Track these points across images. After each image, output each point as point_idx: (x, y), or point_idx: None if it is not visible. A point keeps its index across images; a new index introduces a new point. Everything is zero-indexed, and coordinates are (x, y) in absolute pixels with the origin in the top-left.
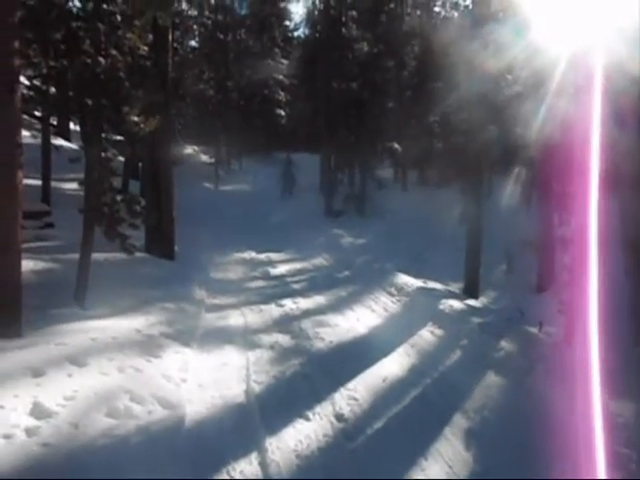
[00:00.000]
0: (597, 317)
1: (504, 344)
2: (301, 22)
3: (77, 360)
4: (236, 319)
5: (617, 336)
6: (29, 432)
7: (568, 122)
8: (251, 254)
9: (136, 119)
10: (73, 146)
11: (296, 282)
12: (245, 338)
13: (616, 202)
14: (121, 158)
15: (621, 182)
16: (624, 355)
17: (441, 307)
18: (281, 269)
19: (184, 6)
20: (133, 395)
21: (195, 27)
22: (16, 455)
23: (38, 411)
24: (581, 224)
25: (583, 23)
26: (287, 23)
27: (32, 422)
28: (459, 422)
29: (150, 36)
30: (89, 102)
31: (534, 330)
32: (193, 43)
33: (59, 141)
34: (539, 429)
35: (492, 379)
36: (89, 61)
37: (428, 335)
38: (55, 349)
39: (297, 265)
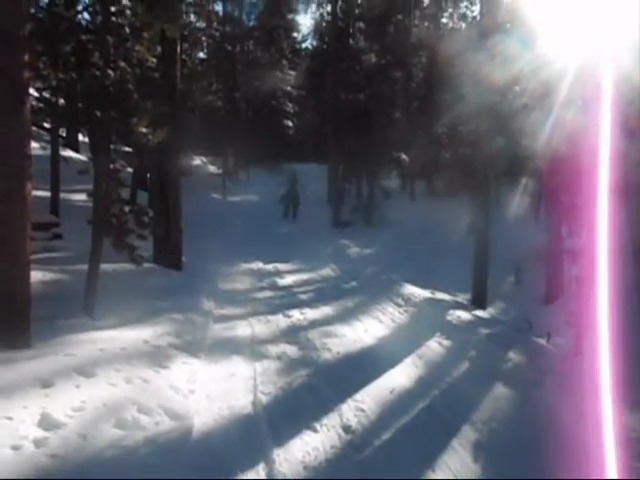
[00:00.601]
0: (607, 329)
1: (512, 355)
2: (309, 34)
3: (85, 371)
4: (244, 330)
5: (627, 348)
6: (37, 443)
7: (576, 133)
8: (258, 264)
9: (144, 130)
10: (82, 157)
11: (303, 293)
12: (252, 349)
13: (626, 213)
14: (129, 169)
15: (630, 193)
16: (635, 368)
17: (449, 318)
18: (288, 280)
19: (192, 18)
20: (141, 406)
21: (203, 39)
22: (25, 466)
23: (46, 422)
24: (590, 235)
25: (590, 34)
26: (295, 35)
27: (40, 433)
28: (467, 434)
29: (159, 48)
30: (98, 114)
31: (542, 341)
32: (201, 55)
33: (68, 152)
34: (548, 442)
35: (500, 390)
36: (98, 73)
37: (436, 346)
38: (63, 360)
39: (304, 276)
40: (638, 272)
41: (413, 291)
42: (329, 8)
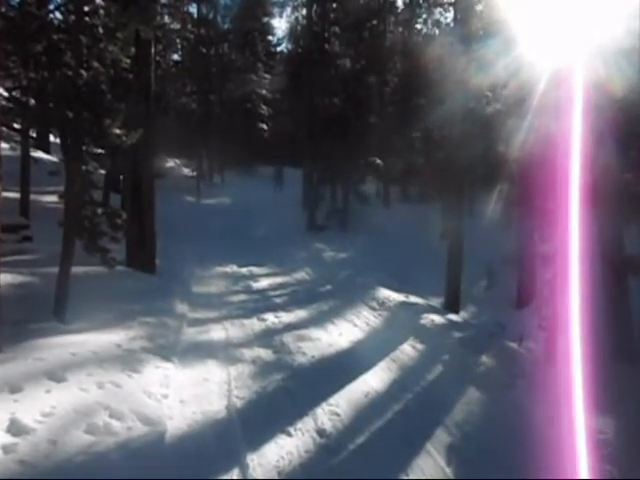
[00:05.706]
0: (578, 333)
1: (485, 359)
2: (284, 37)
3: (56, 375)
4: (218, 333)
5: (598, 352)
6: (6, 449)
7: (549, 139)
8: (233, 268)
9: (118, 132)
10: (53, 158)
11: (278, 296)
12: (227, 352)
13: (596, 218)
14: (102, 171)
15: (599, 198)
16: (605, 371)
17: (422, 322)
18: (263, 283)
19: (167, 19)
20: (112, 411)
21: (178, 41)
22: None
23: (15, 428)
24: (562, 240)
25: (564, 42)
26: (270, 38)
27: (9, 439)
28: (440, 437)
29: (133, 49)
30: (70, 114)
31: (514, 345)
32: (176, 56)
33: (39, 153)
34: (521, 445)
35: (473, 394)
36: (70, 73)
37: (409, 350)
38: (33, 364)
39: (279, 279)
40: (604, 276)
41: (388, 295)
42: (304, 12)
